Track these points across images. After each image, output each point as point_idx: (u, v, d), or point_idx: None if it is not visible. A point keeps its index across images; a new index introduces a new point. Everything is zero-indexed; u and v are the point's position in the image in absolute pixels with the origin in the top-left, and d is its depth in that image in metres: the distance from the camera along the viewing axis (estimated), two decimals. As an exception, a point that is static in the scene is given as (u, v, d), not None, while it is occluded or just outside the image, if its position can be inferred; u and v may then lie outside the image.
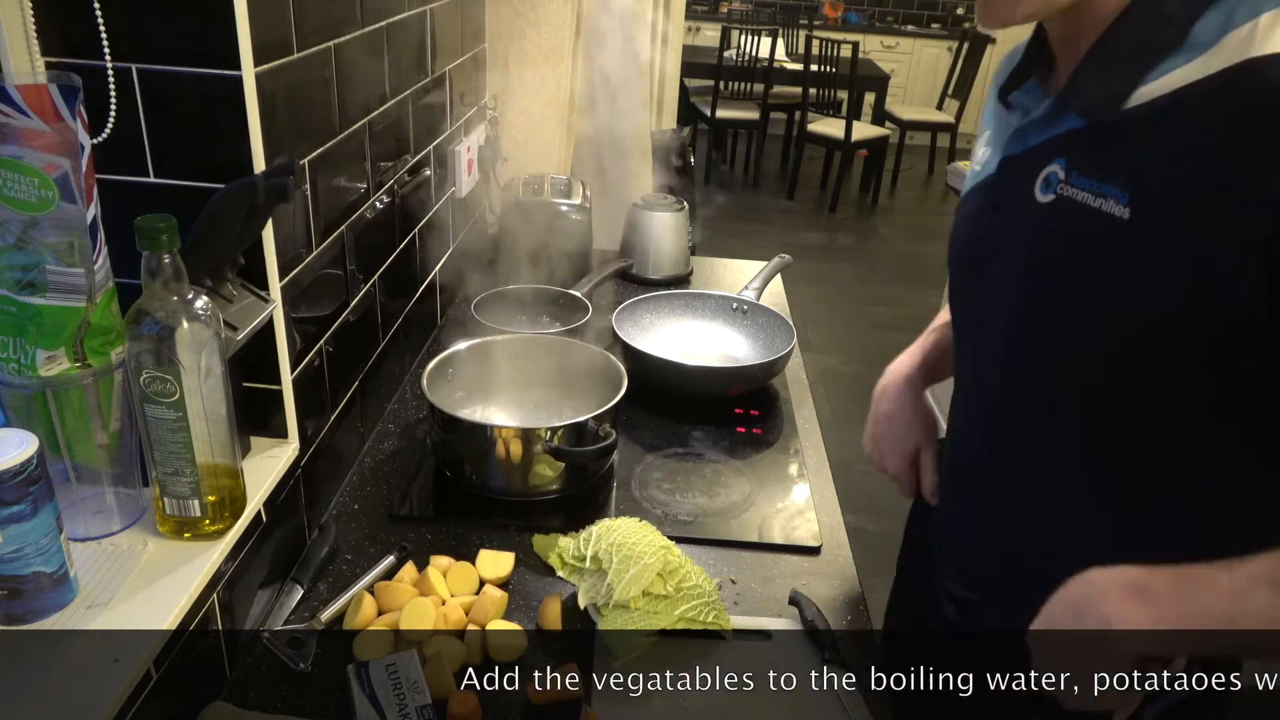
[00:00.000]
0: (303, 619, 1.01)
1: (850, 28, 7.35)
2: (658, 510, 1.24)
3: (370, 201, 1.24)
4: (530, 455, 1.19)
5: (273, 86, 0.88)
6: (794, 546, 1.18)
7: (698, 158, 4.63)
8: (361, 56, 1.15)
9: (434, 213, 1.56)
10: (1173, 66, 0.66)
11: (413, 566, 1.08)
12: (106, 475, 0.84)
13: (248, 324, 0.89)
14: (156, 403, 0.78)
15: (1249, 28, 0.63)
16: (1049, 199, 0.75)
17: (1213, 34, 0.65)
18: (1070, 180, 0.73)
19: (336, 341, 1.16)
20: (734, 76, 6.14)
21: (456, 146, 1.65)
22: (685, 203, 1.99)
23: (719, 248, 3.26)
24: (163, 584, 0.81)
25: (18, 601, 0.73)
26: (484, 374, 1.37)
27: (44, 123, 0.70)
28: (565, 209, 1.84)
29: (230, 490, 0.87)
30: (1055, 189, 0.74)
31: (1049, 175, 0.75)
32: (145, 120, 0.82)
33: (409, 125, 1.38)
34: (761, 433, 1.44)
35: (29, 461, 0.69)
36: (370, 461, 1.30)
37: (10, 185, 0.71)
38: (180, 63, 0.81)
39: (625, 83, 2.39)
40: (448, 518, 1.20)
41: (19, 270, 0.74)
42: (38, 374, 0.76)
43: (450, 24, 1.56)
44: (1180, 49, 0.66)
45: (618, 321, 1.58)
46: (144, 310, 0.76)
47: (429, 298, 1.60)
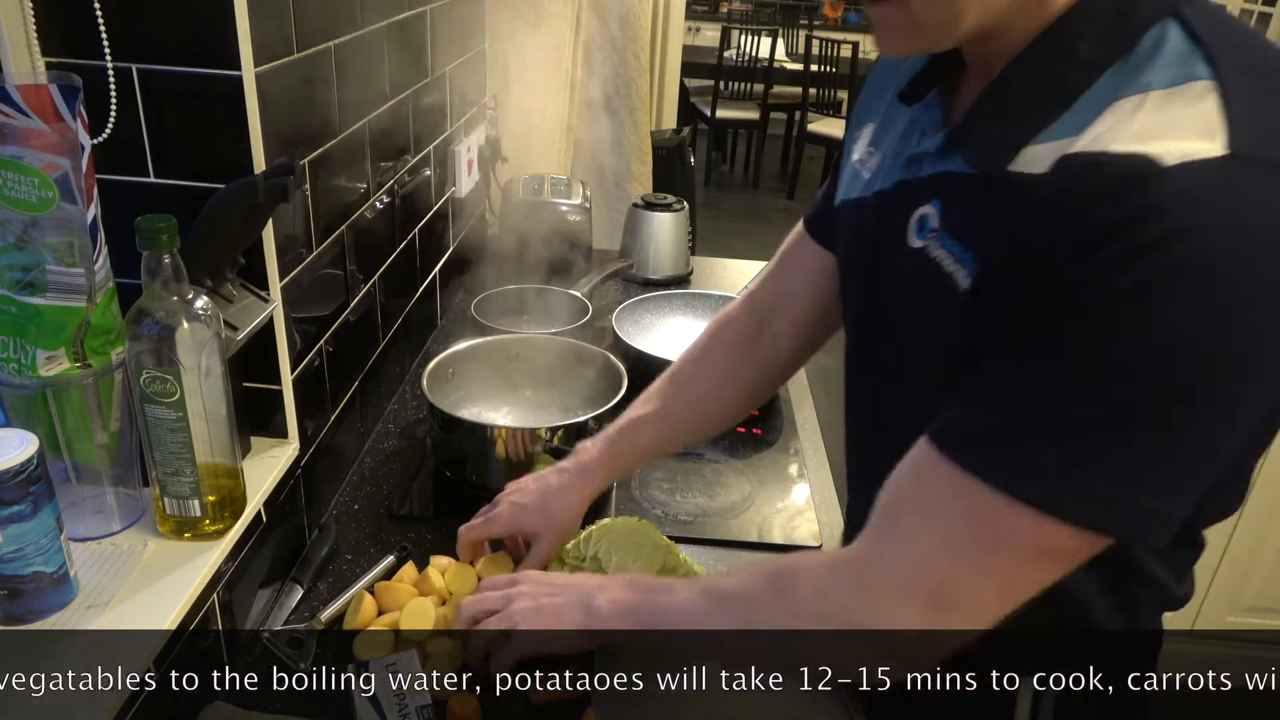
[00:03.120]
0: (303, 619, 1.01)
1: (850, 28, 7.35)
2: (658, 510, 1.24)
3: (370, 201, 1.24)
4: (530, 455, 1.19)
5: (273, 86, 0.88)
6: (794, 546, 1.18)
7: (698, 158, 4.64)
8: (361, 56, 1.15)
9: (434, 213, 1.56)
10: (1054, 136, 0.59)
11: (413, 566, 1.08)
12: (106, 475, 0.84)
13: (248, 324, 0.89)
14: (156, 403, 0.78)
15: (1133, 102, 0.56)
16: (919, 245, 0.69)
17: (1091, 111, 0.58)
18: (939, 235, 0.67)
19: (336, 341, 1.16)
20: (734, 76, 6.14)
21: (456, 146, 1.65)
22: (685, 203, 1.99)
23: (719, 248, 3.26)
24: (163, 584, 0.81)
25: (18, 601, 0.73)
26: (484, 374, 1.37)
27: (44, 123, 0.70)
28: (565, 209, 1.84)
29: (230, 490, 0.87)
30: (925, 235, 0.69)
31: (923, 217, 0.70)
32: (145, 120, 0.82)
33: (409, 125, 1.38)
34: (761, 433, 1.44)
35: (29, 461, 0.69)
36: (370, 461, 1.30)
37: (10, 185, 0.71)
38: (180, 63, 0.81)
39: (625, 82, 2.39)
40: (448, 518, 1.20)
41: (19, 270, 0.74)
42: (38, 374, 0.76)
43: (450, 24, 1.56)
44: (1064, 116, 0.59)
45: (618, 321, 1.58)
46: (144, 310, 0.76)
47: (429, 298, 1.60)
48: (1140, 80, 0.57)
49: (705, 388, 1.03)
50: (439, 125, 1.55)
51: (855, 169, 0.81)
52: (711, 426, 1.12)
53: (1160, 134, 0.54)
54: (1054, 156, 0.58)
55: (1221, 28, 0.58)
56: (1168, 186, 0.52)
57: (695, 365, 1.04)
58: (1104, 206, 0.54)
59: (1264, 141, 0.53)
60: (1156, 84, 0.56)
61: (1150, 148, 0.53)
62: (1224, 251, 0.52)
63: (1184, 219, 0.52)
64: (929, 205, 0.69)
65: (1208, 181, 0.52)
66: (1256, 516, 2.19)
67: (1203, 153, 0.52)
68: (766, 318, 1.02)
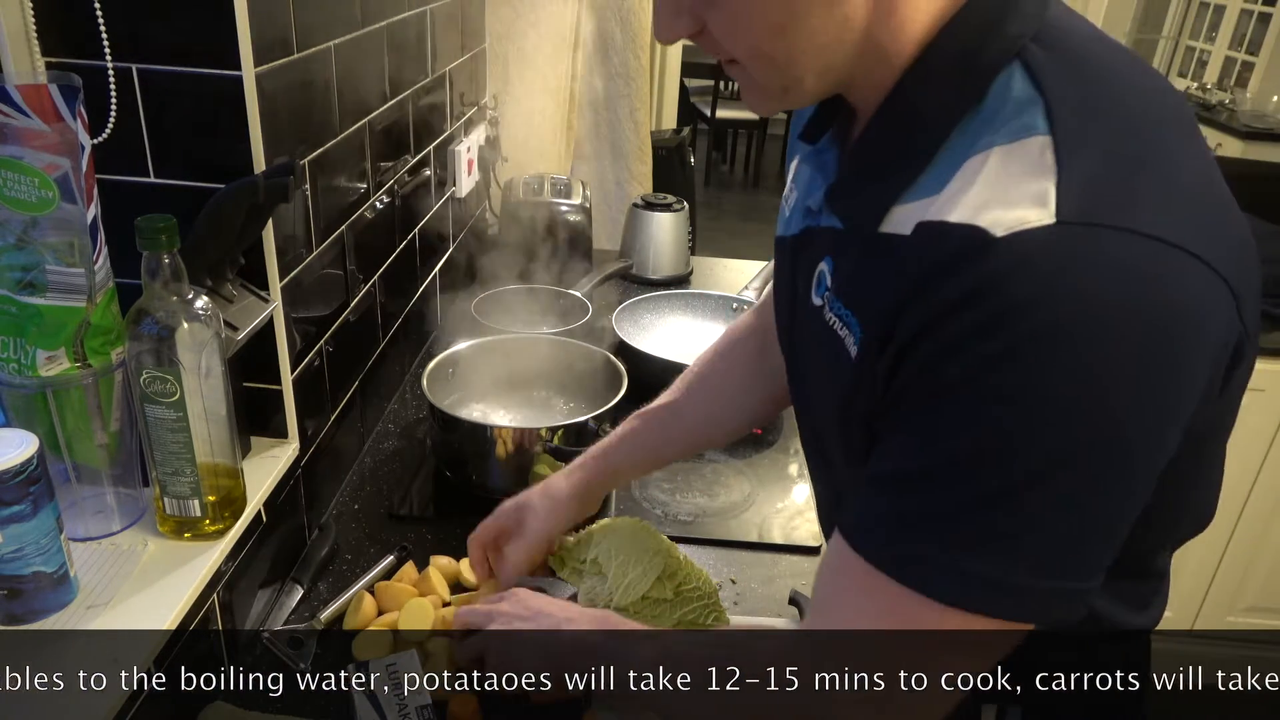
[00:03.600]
0: (303, 619, 1.01)
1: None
2: (658, 510, 1.24)
3: (370, 201, 1.24)
4: (530, 455, 1.19)
5: (273, 86, 0.88)
6: (794, 546, 1.18)
7: (698, 158, 4.63)
8: (361, 56, 1.15)
9: (434, 213, 1.56)
10: (916, 197, 0.58)
11: (413, 566, 1.08)
12: (106, 475, 0.84)
13: (248, 324, 0.89)
14: (156, 403, 0.78)
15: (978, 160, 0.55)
16: (818, 303, 0.68)
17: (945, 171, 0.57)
18: (830, 297, 0.66)
19: (336, 341, 1.16)
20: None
21: (456, 146, 1.65)
22: (685, 203, 1.99)
23: (719, 248, 3.26)
24: (163, 584, 0.81)
25: (18, 601, 0.73)
26: (484, 374, 1.37)
27: (44, 123, 0.70)
28: (565, 209, 1.84)
29: (230, 490, 0.87)
30: (823, 294, 0.68)
31: (820, 274, 0.68)
32: (145, 120, 0.82)
33: (409, 125, 1.38)
34: (761, 433, 1.44)
35: (29, 461, 0.69)
36: (370, 461, 1.30)
37: (10, 185, 0.71)
38: (180, 63, 0.81)
39: (625, 82, 2.39)
40: (448, 518, 1.20)
41: (19, 270, 0.74)
42: (38, 374, 0.76)
43: (450, 24, 1.56)
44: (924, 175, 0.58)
45: (618, 321, 1.58)
46: (144, 310, 0.76)
47: (429, 298, 1.60)
48: (986, 138, 0.55)
49: (709, 410, 1.02)
50: (439, 125, 1.55)
51: (783, 204, 0.80)
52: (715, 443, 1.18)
53: (993, 203, 0.53)
54: (915, 219, 0.57)
55: (1062, 66, 0.56)
56: (1000, 259, 0.51)
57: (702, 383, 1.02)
58: (950, 278, 0.53)
59: (1091, 202, 0.52)
60: (999, 140, 0.55)
61: (982, 219, 0.52)
62: (1068, 315, 0.50)
63: (1022, 289, 0.51)
64: (824, 261, 0.68)
65: (1040, 250, 0.51)
66: (1256, 516, 2.19)
67: (1032, 221, 0.51)
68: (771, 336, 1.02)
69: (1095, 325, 0.51)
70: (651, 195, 1.99)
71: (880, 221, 0.60)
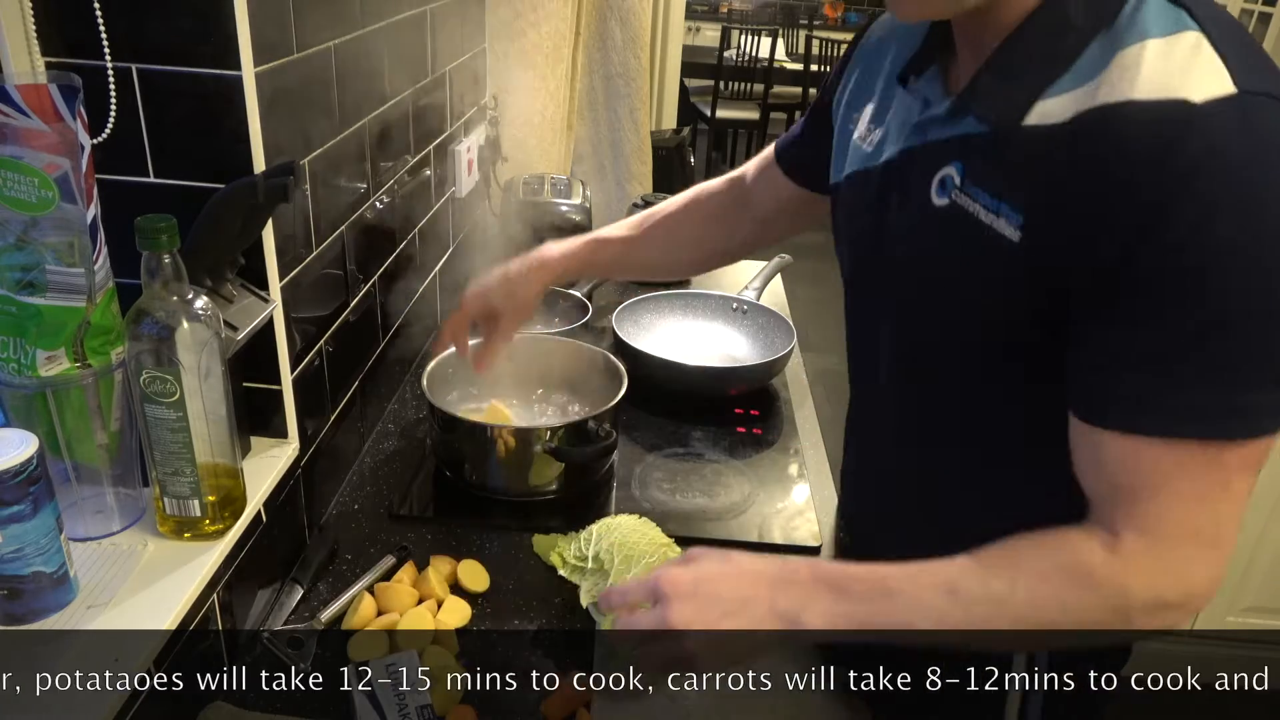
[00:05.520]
0: (303, 619, 1.01)
1: (850, 28, 7.34)
2: (658, 510, 1.24)
3: (370, 202, 1.24)
4: (530, 455, 1.19)
5: (273, 86, 0.88)
6: (794, 546, 1.18)
7: (698, 158, 4.63)
8: (361, 56, 1.15)
9: (434, 213, 1.56)
10: (1065, 89, 0.63)
11: (412, 567, 1.08)
12: (106, 475, 0.84)
13: (248, 324, 0.89)
14: (156, 403, 0.78)
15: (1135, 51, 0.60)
16: (944, 203, 0.72)
17: (1098, 62, 0.62)
18: (964, 188, 0.70)
19: (336, 341, 1.16)
20: (734, 76, 6.14)
21: (456, 146, 1.65)
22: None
23: (719, 248, 3.27)
24: (163, 584, 0.81)
25: (18, 601, 0.73)
26: (484, 374, 1.36)
27: (44, 123, 0.70)
28: (565, 209, 1.84)
29: (230, 490, 0.87)
30: (950, 194, 0.71)
31: (945, 178, 0.72)
32: (145, 120, 0.82)
33: (409, 125, 1.38)
34: (761, 433, 1.44)
35: (29, 461, 0.69)
36: (370, 461, 1.30)
37: (10, 185, 0.71)
38: (180, 63, 0.81)
39: (625, 82, 2.39)
40: (448, 518, 1.20)
41: (19, 270, 0.74)
42: (38, 374, 0.76)
43: (450, 24, 1.55)
44: (1071, 70, 0.63)
45: (618, 321, 1.58)
46: (144, 310, 0.76)
47: (429, 298, 1.60)
48: (1134, 35, 0.61)
49: (674, 238, 1.16)
50: (439, 125, 1.55)
51: (857, 144, 0.85)
52: (666, 272, 1.48)
53: (1178, 76, 0.58)
54: (1072, 107, 0.62)
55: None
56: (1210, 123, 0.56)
57: (671, 217, 1.15)
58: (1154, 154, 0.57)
59: (1261, 78, 0.58)
60: (1153, 34, 0.60)
61: (1177, 92, 0.57)
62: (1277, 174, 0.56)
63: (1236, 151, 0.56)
64: (950, 167, 0.72)
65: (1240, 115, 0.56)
66: (1257, 516, 2.19)
67: (1219, 91, 0.57)
68: (740, 203, 1.13)
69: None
70: (651, 195, 1.99)
71: (1024, 116, 0.65)
